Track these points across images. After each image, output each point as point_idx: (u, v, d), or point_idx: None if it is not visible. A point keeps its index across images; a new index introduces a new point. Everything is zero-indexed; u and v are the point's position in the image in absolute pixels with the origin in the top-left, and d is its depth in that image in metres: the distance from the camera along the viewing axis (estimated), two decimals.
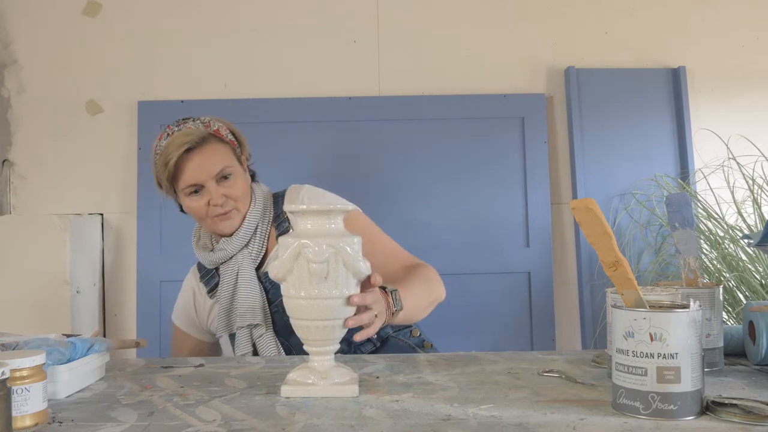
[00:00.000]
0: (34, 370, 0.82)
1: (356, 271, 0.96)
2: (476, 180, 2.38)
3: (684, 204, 1.12)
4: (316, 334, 0.97)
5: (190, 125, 1.41)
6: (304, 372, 0.98)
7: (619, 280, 0.85)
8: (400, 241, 1.52)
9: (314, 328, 0.96)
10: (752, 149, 2.24)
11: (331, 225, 0.97)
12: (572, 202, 0.83)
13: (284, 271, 0.95)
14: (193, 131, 1.39)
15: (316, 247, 0.93)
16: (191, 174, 1.39)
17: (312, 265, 0.93)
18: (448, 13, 2.46)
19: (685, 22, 2.49)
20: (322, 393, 0.94)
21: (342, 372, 0.98)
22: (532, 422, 0.80)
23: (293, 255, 0.94)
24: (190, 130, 1.40)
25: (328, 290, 0.95)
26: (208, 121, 1.44)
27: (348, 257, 0.95)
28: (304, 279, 0.94)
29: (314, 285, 0.94)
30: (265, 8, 2.44)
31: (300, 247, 0.93)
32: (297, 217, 0.98)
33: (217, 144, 1.42)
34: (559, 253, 2.42)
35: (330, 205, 0.98)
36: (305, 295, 0.95)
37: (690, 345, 0.79)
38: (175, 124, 1.44)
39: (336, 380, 0.96)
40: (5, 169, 2.40)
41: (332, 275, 0.94)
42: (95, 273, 2.34)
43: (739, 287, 2.07)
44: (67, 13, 2.42)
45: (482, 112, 2.41)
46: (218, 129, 1.44)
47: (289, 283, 0.96)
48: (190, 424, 0.82)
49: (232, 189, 1.41)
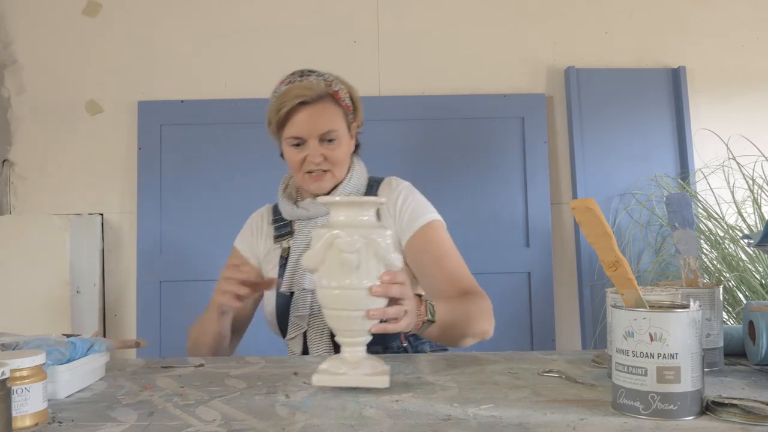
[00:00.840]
0: (34, 370, 0.82)
1: (387, 263, 0.96)
2: (476, 180, 2.38)
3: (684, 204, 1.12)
4: (347, 324, 0.97)
5: (312, 79, 1.41)
6: (335, 362, 0.98)
7: (619, 280, 0.85)
8: None
9: (345, 318, 0.96)
10: (752, 149, 2.24)
11: (364, 217, 0.97)
12: (572, 202, 0.83)
13: (316, 261, 0.96)
14: (313, 86, 1.38)
15: (348, 237, 0.93)
16: (297, 127, 1.39)
17: (344, 255, 0.93)
18: (448, 13, 2.46)
19: (685, 22, 2.49)
20: (353, 383, 0.94)
21: (373, 364, 0.98)
22: (532, 422, 0.80)
23: (326, 245, 0.94)
24: (310, 84, 1.39)
25: (358, 280, 0.94)
26: (332, 80, 1.42)
27: (379, 248, 0.95)
28: (335, 269, 0.94)
29: (345, 275, 0.94)
30: (265, 8, 2.44)
31: (332, 238, 0.94)
32: (331, 208, 0.99)
33: (331, 104, 1.41)
34: (559, 253, 2.42)
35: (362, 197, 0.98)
36: (336, 285, 0.95)
37: (690, 345, 0.79)
38: (299, 73, 1.44)
39: (367, 371, 0.96)
40: (5, 169, 2.40)
41: (364, 266, 0.94)
42: (95, 273, 2.34)
43: (739, 287, 2.07)
44: (67, 13, 2.42)
45: (482, 112, 2.41)
46: (338, 91, 1.42)
47: (321, 273, 0.96)
48: (190, 424, 0.82)
49: (332, 152, 1.40)
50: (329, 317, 0.98)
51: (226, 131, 2.38)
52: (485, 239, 2.35)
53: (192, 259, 2.33)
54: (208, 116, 2.39)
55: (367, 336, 0.99)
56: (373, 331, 0.99)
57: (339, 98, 1.42)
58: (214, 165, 2.37)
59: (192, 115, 2.39)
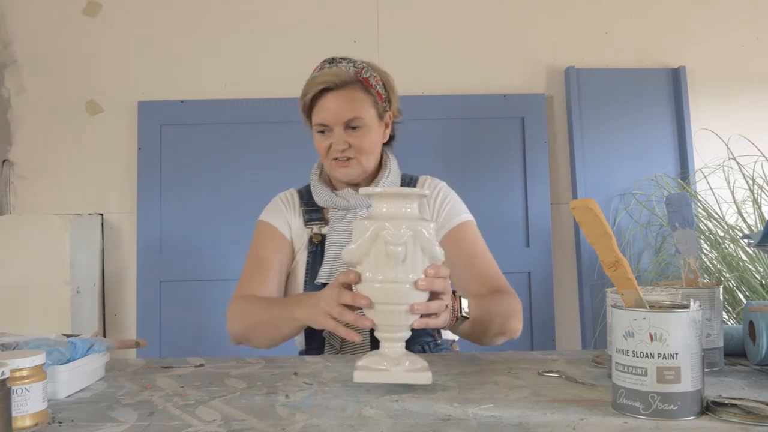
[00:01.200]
0: (34, 370, 0.82)
1: (432, 256, 0.94)
2: (476, 180, 2.38)
3: (684, 204, 1.12)
4: (391, 319, 0.94)
5: (341, 66, 1.39)
6: (375, 358, 0.95)
7: (619, 280, 0.85)
8: None
9: (389, 312, 0.94)
10: (752, 149, 2.24)
11: (407, 209, 0.94)
12: (572, 202, 0.83)
13: (361, 254, 0.93)
14: (339, 73, 1.37)
15: (394, 229, 0.91)
16: (322, 114, 1.38)
17: (390, 248, 0.91)
18: (448, 13, 2.46)
19: (685, 22, 2.49)
20: (396, 379, 0.92)
21: (413, 359, 0.96)
22: (532, 422, 0.80)
23: (372, 237, 0.92)
24: (337, 71, 1.37)
25: (404, 274, 0.92)
26: (362, 66, 1.40)
27: (426, 241, 0.93)
28: (381, 262, 0.92)
29: (391, 268, 0.91)
30: (265, 8, 2.44)
31: (378, 229, 0.91)
32: (373, 200, 0.96)
33: (359, 92, 1.38)
34: (559, 253, 2.42)
35: (406, 188, 0.95)
36: (382, 278, 0.92)
37: (690, 345, 0.79)
38: (329, 60, 1.42)
39: (408, 367, 0.94)
40: (5, 169, 2.40)
41: (410, 259, 0.92)
42: (95, 273, 2.34)
43: (739, 287, 2.07)
44: (67, 13, 2.42)
45: (482, 112, 2.41)
46: (368, 78, 1.39)
47: (364, 267, 0.93)
48: (190, 424, 0.82)
49: (357, 140, 1.37)
50: (371, 312, 0.95)
51: (226, 131, 2.38)
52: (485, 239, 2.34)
53: (192, 259, 2.34)
54: (208, 116, 2.39)
55: (407, 331, 0.96)
56: (414, 326, 0.97)
57: (369, 85, 1.39)
58: (214, 165, 2.37)
59: (192, 115, 2.39)
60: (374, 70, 1.41)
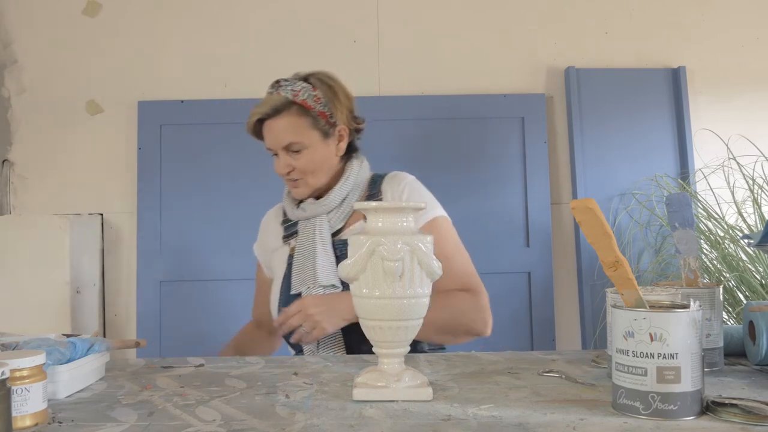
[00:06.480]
0: (34, 370, 0.82)
1: (430, 271, 0.93)
2: (476, 180, 2.38)
3: (684, 204, 1.12)
4: (388, 335, 0.92)
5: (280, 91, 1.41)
6: (373, 375, 0.93)
7: (619, 280, 0.85)
8: None
9: (387, 329, 0.92)
10: (752, 149, 2.24)
11: (403, 223, 0.93)
12: (572, 202, 0.83)
13: (357, 270, 0.92)
14: (271, 101, 1.41)
15: (390, 244, 0.90)
16: (266, 140, 1.45)
17: (387, 263, 0.90)
18: (448, 13, 2.46)
19: (685, 22, 2.49)
20: (397, 396, 0.91)
21: (413, 375, 0.94)
22: (532, 422, 0.80)
23: (368, 252, 0.90)
24: (269, 99, 1.41)
25: (402, 289, 0.91)
26: (300, 88, 1.40)
27: (423, 256, 0.91)
28: (378, 278, 0.91)
29: (389, 284, 0.90)
30: (265, 8, 2.44)
31: (374, 245, 0.90)
32: (369, 214, 0.94)
33: (294, 116, 1.40)
34: (559, 253, 2.42)
35: (402, 203, 0.94)
36: (380, 294, 0.91)
37: (690, 345, 0.79)
38: (273, 84, 1.44)
39: (408, 383, 0.92)
40: (5, 169, 2.40)
41: (407, 274, 0.91)
42: (95, 273, 2.34)
43: (739, 287, 2.07)
44: (67, 13, 2.42)
45: (482, 112, 2.41)
46: (305, 100, 1.39)
47: (361, 283, 0.92)
48: (190, 424, 0.82)
49: (300, 162, 1.42)
50: (368, 327, 0.94)
51: (226, 131, 2.37)
52: (485, 239, 2.35)
53: (192, 259, 2.33)
54: (208, 116, 2.39)
55: (406, 347, 0.95)
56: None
57: (309, 107, 1.40)
58: (214, 165, 2.37)
59: (192, 115, 2.39)
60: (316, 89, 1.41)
